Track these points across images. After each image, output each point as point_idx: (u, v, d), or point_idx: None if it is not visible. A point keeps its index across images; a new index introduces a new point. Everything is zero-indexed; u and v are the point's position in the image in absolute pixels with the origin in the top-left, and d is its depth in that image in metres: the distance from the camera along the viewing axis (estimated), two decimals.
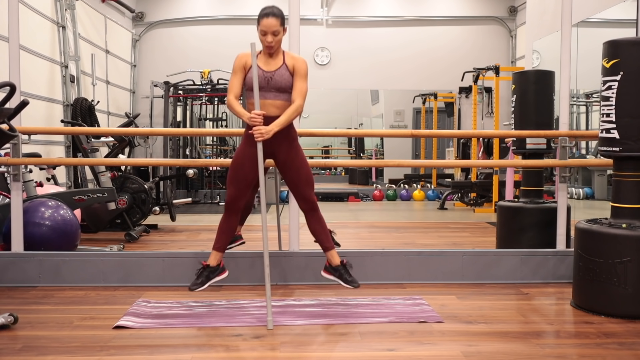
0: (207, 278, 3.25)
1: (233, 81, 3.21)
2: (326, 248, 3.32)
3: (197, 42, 10.09)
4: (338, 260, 3.31)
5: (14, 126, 3.25)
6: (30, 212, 4.18)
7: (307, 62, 3.26)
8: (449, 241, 5.72)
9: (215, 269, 3.28)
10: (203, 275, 3.26)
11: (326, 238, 3.32)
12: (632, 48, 3.17)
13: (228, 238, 3.30)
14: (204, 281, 3.24)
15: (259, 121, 3.09)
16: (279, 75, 3.18)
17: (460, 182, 9.05)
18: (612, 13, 5.57)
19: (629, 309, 3.15)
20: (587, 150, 7.40)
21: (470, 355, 2.63)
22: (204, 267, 3.28)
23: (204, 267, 3.28)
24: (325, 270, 3.35)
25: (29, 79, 6.33)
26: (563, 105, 4.10)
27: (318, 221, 3.31)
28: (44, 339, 2.81)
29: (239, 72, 3.22)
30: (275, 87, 3.18)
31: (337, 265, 3.31)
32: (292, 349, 2.71)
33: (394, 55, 10.26)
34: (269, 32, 3.15)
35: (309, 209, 3.29)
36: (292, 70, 3.21)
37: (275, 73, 3.18)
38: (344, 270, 3.30)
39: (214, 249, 3.29)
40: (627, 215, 3.28)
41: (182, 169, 7.82)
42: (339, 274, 3.30)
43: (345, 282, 3.29)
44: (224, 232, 3.28)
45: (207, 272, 3.26)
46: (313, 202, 3.28)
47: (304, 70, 3.21)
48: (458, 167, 9.82)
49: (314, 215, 3.30)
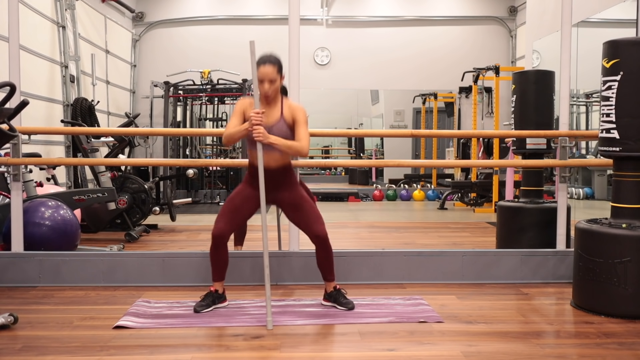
0: (213, 302, 3.32)
1: (231, 122, 3.21)
2: (326, 279, 3.39)
3: (197, 42, 10.10)
4: (332, 287, 3.39)
5: (14, 126, 3.25)
6: (30, 212, 4.18)
7: (305, 111, 3.27)
8: (449, 241, 5.72)
9: (220, 295, 3.36)
10: (209, 299, 3.32)
11: (330, 270, 3.37)
12: (632, 48, 3.17)
13: (224, 268, 3.33)
14: (210, 304, 3.31)
15: (259, 119, 3.09)
16: (278, 129, 3.17)
17: (460, 182, 9.05)
18: (612, 13, 5.57)
19: (629, 309, 3.15)
20: (587, 150, 7.40)
21: (470, 355, 2.63)
22: (211, 292, 3.34)
23: (210, 292, 3.34)
24: (324, 299, 3.43)
25: (29, 79, 6.33)
26: (563, 105, 4.09)
27: (326, 253, 3.33)
28: (44, 339, 2.81)
29: (239, 115, 3.22)
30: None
31: (332, 291, 3.39)
32: (292, 349, 2.71)
33: (394, 55, 10.26)
34: (265, 80, 3.14)
35: (321, 243, 3.31)
36: (290, 121, 3.21)
37: (273, 127, 3.17)
38: (338, 294, 3.38)
39: (214, 281, 3.34)
40: (627, 215, 3.28)
41: (182, 169, 7.82)
42: (333, 299, 3.38)
43: (340, 304, 3.35)
44: (217, 264, 3.31)
45: (213, 297, 3.33)
46: (324, 237, 3.30)
47: (304, 119, 3.22)
48: (458, 167, 9.83)
49: (324, 246, 3.32)
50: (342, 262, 3.88)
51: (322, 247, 3.31)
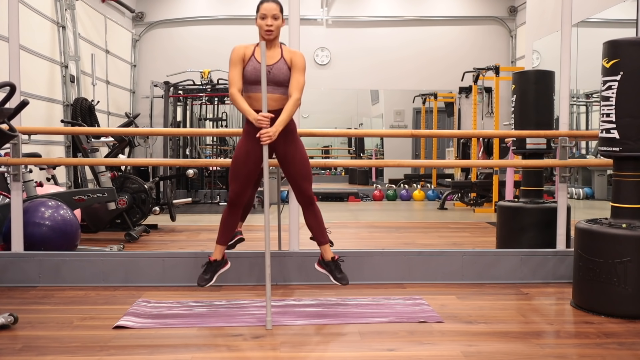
0: (214, 272, 3.31)
1: (233, 74, 3.20)
2: (320, 242, 3.37)
3: (197, 42, 10.09)
4: (330, 256, 3.35)
5: (14, 126, 3.25)
6: (30, 212, 4.18)
7: (304, 56, 3.27)
8: (449, 241, 5.72)
9: (220, 262, 3.35)
10: (210, 270, 3.31)
11: (321, 233, 3.36)
12: (632, 48, 3.17)
13: (231, 232, 3.35)
14: (212, 275, 3.30)
15: (266, 124, 3.09)
16: (277, 69, 3.18)
17: (460, 182, 9.05)
18: (612, 13, 5.56)
19: (629, 309, 3.15)
20: (587, 150, 7.40)
21: (470, 355, 2.63)
22: (210, 262, 3.33)
23: (210, 262, 3.33)
24: (318, 263, 3.40)
25: (29, 79, 6.33)
26: (563, 105, 4.10)
27: (315, 215, 3.34)
28: (44, 339, 2.81)
29: (238, 64, 3.21)
30: (273, 80, 3.17)
31: (329, 260, 3.35)
32: (292, 349, 2.71)
33: (394, 55, 10.26)
34: (269, 15, 3.15)
35: (307, 203, 3.32)
36: (290, 64, 3.21)
37: (273, 67, 3.18)
38: (335, 266, 3.34)
39: (218, 244, 3.34)
40: (627, 215, 3.28)
41: (182, 169, 7.82)
42: (329, 269, 3.34)
43: (334, 278, 3.32)
44: (226, 227, 3.33)
45: (214, 266, 3.32)
46: (310, 197, 3.30)
47: (302, 64, 3.21)
48: (458, 167, 9.82)
49: (311, 209, 3.33)
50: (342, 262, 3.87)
51: (309, 207, 3.31)
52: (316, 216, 3.34)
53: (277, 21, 3.18)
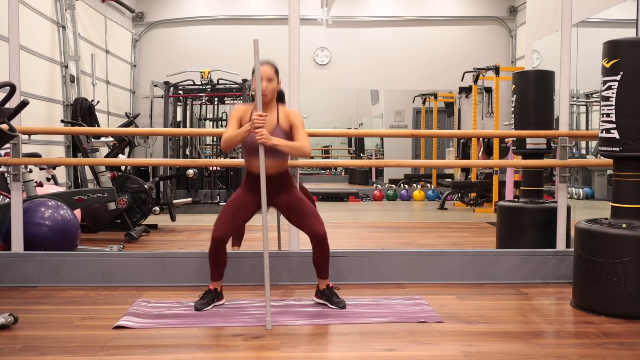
0: (212, 300, 3.35)
1: (230, 126, 3.21)
2: (321, 276, 3.40)
3: (197, 42, 10.10)
4: (325, 284, 3.40)
5: (14, 126, 3.25)
6: (30, 212, 4.18)
7: (300, 115, 3.30)
8: (449, 241, 5.72)
9: (219, 293, 3.39)
10: (208, 297, 3.35)
11: (325, 269, 3.39)
12: (632, 48, 3.17)
13: (222, 268, 3.35)
14: (209, 302, 3.33)
15: (262, 122, 3.08)
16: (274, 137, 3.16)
17: (460, 182, 9.05)
18: (612, 13, 5.57)
19: (629, 309, 3.15)
20: (587, 150, 7.40)
21: (470, 355, 2.63)
22: (210, 291, 3.37)
23: (209, 290, 3.37)
24: (316, 294, 3.45)
25: (29, 79, 6.33)
26: (563, 105, 4.10)
27: (324, 254, 3.35)
28: (44, 339, 2.81)
29: (236, 121, 3.23)
30: (271, 148, 3.15)
31: (324, 289, 3.40)
32: (292, 349, 2.71)
33: (394, 55, 10.27)
34: (264, 78, 3.15)
35: (320, 243, 3.32)
36: (287, 128, 3.22)
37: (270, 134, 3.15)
38: (331, 293, 3.39)
39: (213, 280, 3.37)
40: (627, 215, 3.28)
41: (182, 169, 7.82)
42: (326, 297, 3.39)
43: (332, 303, 3.36)
44: (216, 265, 3.33)
45: (212, 295, 3.36)
46: (323, 236, 3.30)
47: (301, 122, 3.24)
48: (458, 167, 9.83)
49: (324, 246, 3.33)
50: (342, 262, 3.88)
51: (321, 246, 3.32)
52: (325, 254, 3.35)
53: (272, 84, 3.19)
